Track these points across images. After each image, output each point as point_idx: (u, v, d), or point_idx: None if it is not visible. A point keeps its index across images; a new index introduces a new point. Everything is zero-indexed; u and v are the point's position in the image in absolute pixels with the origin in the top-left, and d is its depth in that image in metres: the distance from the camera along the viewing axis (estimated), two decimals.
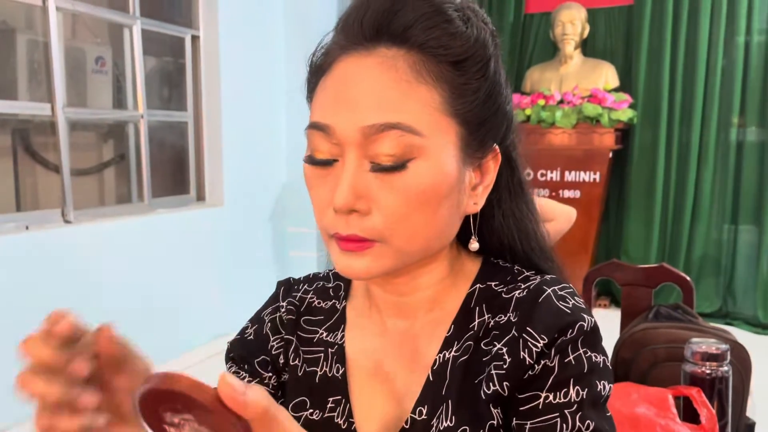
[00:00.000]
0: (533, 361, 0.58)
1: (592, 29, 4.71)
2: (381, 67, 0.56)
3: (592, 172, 4.38)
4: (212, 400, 0.36)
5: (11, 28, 3.24)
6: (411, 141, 0.55)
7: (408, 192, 0.56)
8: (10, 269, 2.71)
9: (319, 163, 0.58)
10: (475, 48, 0.58)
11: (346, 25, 0.59)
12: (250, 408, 0.37)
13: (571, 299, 0.61)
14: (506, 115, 0.63)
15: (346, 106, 0.56)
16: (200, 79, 4.03)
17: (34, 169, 3.40)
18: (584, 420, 0.56)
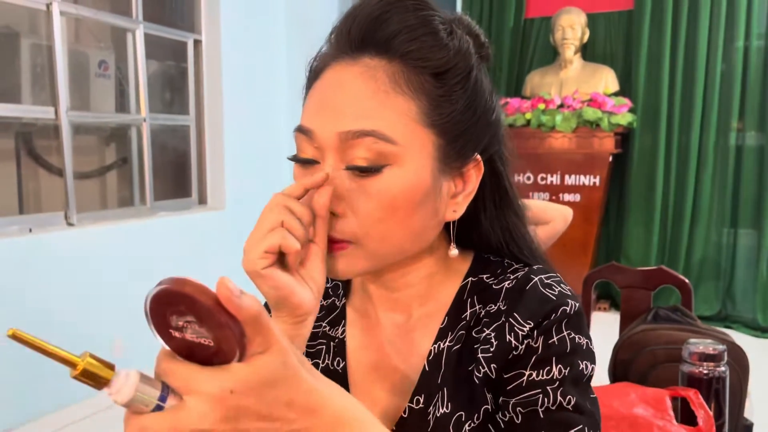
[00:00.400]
0: (518, 343, 0.61)
1: (592, 34, 4.74)
2: (362, 77, 0.58)
3: (592, 176, 4.39)
4: (212, 301, 0.38)
5: (15, 32, 3.26)
6: (385, 148, 0.57)
7: (381, 198, 0.58)
8: (14, 271, 2.73)
9: (302, 162, 0.61)
10: (456, 60, 0.60)
11: (337, 34, 0.62)
12: (243, 310, 0.39)
13: (557, 286, 0.63)
14: (489, 126, 0.64)
15: (327, 112, 0.59)
16: (202, 82, 4.06)
17: (37, 173, 3.43)
18: (565, 395, 0.58)
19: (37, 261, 2.85)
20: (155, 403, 0.39)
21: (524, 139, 4.50)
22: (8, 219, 2.94)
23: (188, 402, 0.39)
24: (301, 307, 0.56)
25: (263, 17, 4.35)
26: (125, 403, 0.39)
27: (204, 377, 0.40)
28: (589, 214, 4.43)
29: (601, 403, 1.27)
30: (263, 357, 0.41)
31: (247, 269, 0.56)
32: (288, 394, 0.43)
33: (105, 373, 0.38)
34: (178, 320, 0.39)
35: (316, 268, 0.58)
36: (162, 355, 0.41)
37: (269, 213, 0.56)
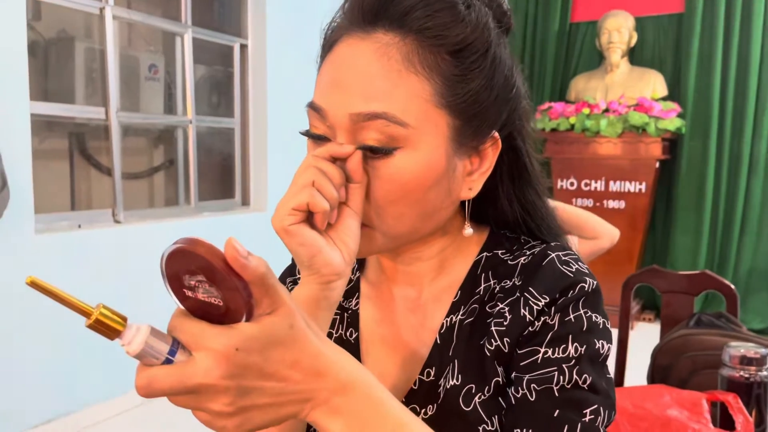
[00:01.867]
0: (533, 318, 0.59)
1: (640, 37, 4.64)
2: (375, 54, 0.56)
3: (638, 183, 4.29)
4: (220, 261, 0.39)
5: (70, 36, 3.39)
6: (396, 131, 0.56)
7: (393, 181, 0.57)
8: (63, 265, 2.83)
9: (315, 137, 0.61)
10: (474, 36, 0.57)
11: (349, 6, 0.61)
12: (249, 270, 0.40)
13: (574, 264, 0.62)
14: (508, 102, 0.62)
15: (338, 91, 0.57)
16: (248, 86, 4.13)
17: (88, 171, 3.55)
18: (581, 374, 0.57)
19: (85, 256, 2.94)
20: (165, 356, 0.41)
21: (568, 144, 4.43)
22: (59, 215, 3.05)
23: (196, 357, 0.41)
24: (329, 267, 0.56)
25: (308, 23, 4.40)
26: (136, 354, 0.41)
27: (211, 334, 0.41)
28: (635, 221, 4.33)
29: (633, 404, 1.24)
30: (270, 318, 0.42)
31: (275, 226, 0.56)
32: (293, 356, 0.43)
33: (117, 324, 0.41)
34: (191, 279, 0.41)
35: (348, 233, 0.57)
36: (175, 312, 0.43)
37: (301, 173, 0.56)
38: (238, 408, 0.42)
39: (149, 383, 0.41)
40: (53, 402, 2.81)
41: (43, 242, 2.76)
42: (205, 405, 0.42)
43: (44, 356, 2.75)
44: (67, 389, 2.86)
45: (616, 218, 4.38)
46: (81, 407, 2.92)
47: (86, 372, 2.94)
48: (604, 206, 4.38)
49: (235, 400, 0.42)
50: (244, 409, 0.43)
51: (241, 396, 0.42)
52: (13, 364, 2.63)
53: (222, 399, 0.41)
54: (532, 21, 4.98)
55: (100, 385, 3.00)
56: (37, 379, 2.73)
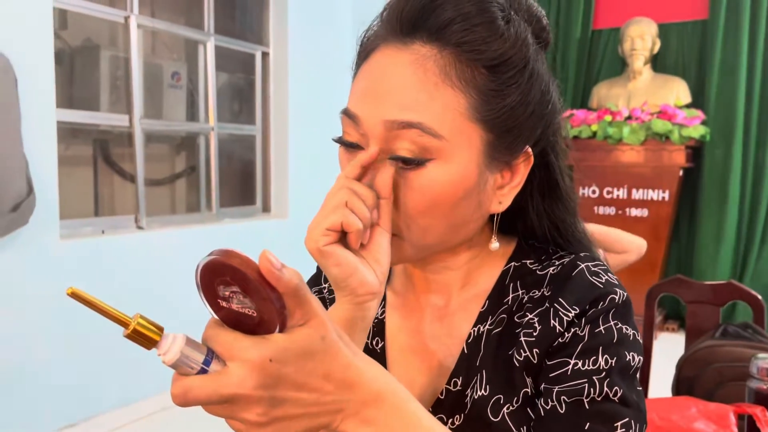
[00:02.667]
0: (563, 329, 0.59)
1: (663, 44, 4.60)
2: (412, 66, 0.56)
3: (661, 190, 4.25)
4: (255, 273, 0.40)
5: (96, 44, 3.44)
6: (430, 142, 0.56)
7: (424, 192, 0.57)
8: (87, 270, 2.87)
9: (347, 145, 0.61)
10: (512, 52, 0.57)
11: (387, 16, 0.60)
12: (283, 282, 0.40)
13: (604, 275, 0.61)
14: (543, 118, 0.61)
15: (374, 99, 0.57)
16: (269, 94, 4.17)
17: (112, 178, 3.59)
18: (612, 386, 0.56)
19: (108, 261, 2.98)
20: (200, 366, 0.42)
21: (590, 152, 4.40)
22: (83, 221, 3.09)
23: (230, 367, 0.41)
24: (364, 286, 0.56)
25: (330, 31, 4.44)
26: (172, 363, 0.42)
27: (245, 345, 0.41)
28: (658, 230, 4.28)
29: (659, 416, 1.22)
30: (303, 329, 0.43)
31: (309, 247, 0.56)
32: (325, 367, 0.44)
33: (154, 334, 0.41)
34: (225, 290, 0.42)
35: (381, 251, 0.58)
36: (210, 322, 0.44)
37: (334, 194, 0.56)
38: (271, 418, 0.43)
39: (185, 392, 0.41)
40: (73, 406, 2.84)
41: (68, 247, 2.80)
42: (239, 414, 0.42)
43: (65, 360, 2.78)
44: (86, 394, 2.89)
45: (638, 227, 4.34)
46: (99, 412, 2.95)
47: (105, 377, 2.97)
48: (627, 214, 4.34)
49: (268, 410, 0.42)
50: (276, 419, 0.43)
51: (274, 406, 0.42)
52: (35, 368, 2.66)
53: (255, 409, 0.42)
54: (553, 28, 4.83)
55: (118, 391, 3.03)
56: (58, 382, 2.76)
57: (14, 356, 2.58)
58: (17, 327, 2.57)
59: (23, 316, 2.60)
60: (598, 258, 0.65)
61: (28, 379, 2.63)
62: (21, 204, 2.47)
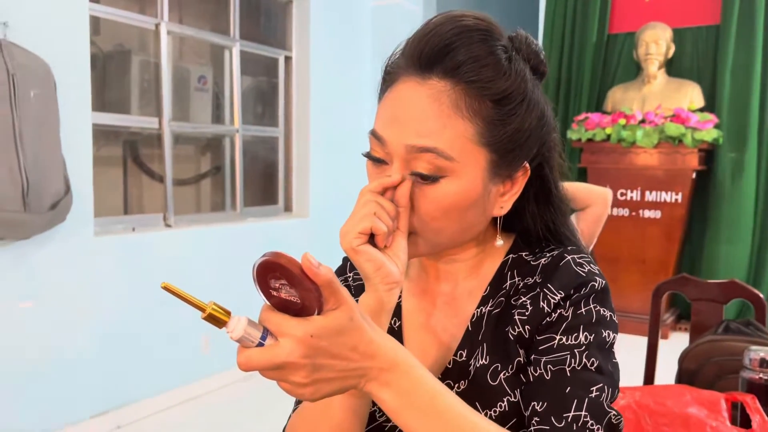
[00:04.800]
0: (550, 309, 0.71)
1: (678, 49, 4.66)
2: (429, 98, 0.68)
3: (674, 193, 4.31)
4: (298, 269, 0.52)
5: (127, 50, 3.59)
6: (443, 163, 0.68)
7: (438, 203, 0.69)
8: (118, 265, 3.01)
9: (374, 159, 0.74)
10: (513, 87, 0.68)
11: (409, 52, 0.71)
12: (320, 277, 0.52)
13: (587, 265, 0.74)
14: (539, 139, 0.73)
15: (397, 125, 0.69)
16: (291, 97, 4.29)
17: (140, 178, 3.74)
18: (589, 358, 0.69)
19: (139, 257, 3.12)
20: (258, 341, 0.54)
21: (604, 154, 4.47)
22: (115, 218, 3.24)
23: (281, 342, 0.54)
24: (390, 276, 0.68)
25: (351, 36, 4.56)
26: (237, 339, 0.54)
27: (292, 324, 0.54)
28: (670, 231, 4.35)
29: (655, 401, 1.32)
30: (335, 312, 0.55)
31: (344, 247, 0.69)
32: (353, 341, 0.56)
33: (224, 317, 0.53)
34: (276, 282, 0.53)
35: (400, 249, 0.70)
36: (263, 307, 0.56)
37: (363, 204, 0.69)
38: (312, 380, 0.55)
39: (247, 361, 0.54)
40: (104, 395, 2.98)
41: (101, 244, 2.95)
42: (288, 377, 0.55)
43: (98, 351, 2.92)
44: (117, 383, 3.03)
45: (651, 228, 4.41)
46: (130, 401, 3.09)
47: (136, 368, 3.10)
48: (640, 216, 4.41)
49: (310, 374, 0.55)
50: (316, 381, 0.55)
51: (314, 371, 0.55)
52: (70, 357, 2.80)
53: (301, 373, 0.54)
54: (569, 32, 5.03)
55: (148, 381, 3.16)
56: (91, 372, 2.90)
57: (51, 346, 2.72)
58: (54, 318, 2.72)
59: (60, 307, 2.75)
60: (584, 251, 0.77)
61: (63, 368, 2.77)
62: (59, 202, 2.61)
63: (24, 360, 2.63)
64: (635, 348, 2.53)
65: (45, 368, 2.70)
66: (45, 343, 2.69)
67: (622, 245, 4.44)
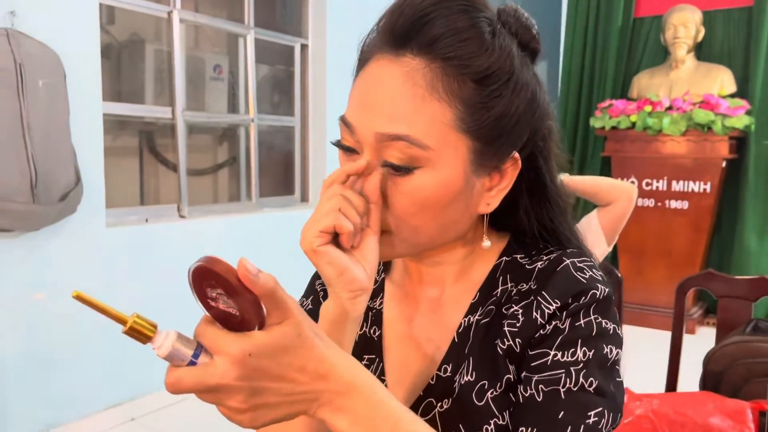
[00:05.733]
0: (544, 321, 0.62)
1: (708, 32, 4.49)
2: (401, 77, 0.60)
3: (703, 182, 4.16)
4: (235, 278, 0.46)
5: (141, 39, 3.56)
6: (417, 152, 0.59)
7: (412, 197, 0.61)
8: (131, 256, 2.99)
9: (344, 148, 0.66)
10: (497, 65, 0.60)
11: (383, 26, 0.64)
12: (258, 286, 0.46)
13: (588, 270, 0.65)
14: (529, 125, 0.64)
15: (367, 110, 0.62)
16: (308, 85, 4.23)
17: (157, 168, 3.72)
18: (587, 377, 0.59)
19: (151, 248, 3.09)
20: (189, 359, 0.48)
21: (629, 143, 4.34)
22: (128, 209, 3.21)
23: (215, 360, 0.47)
24: (354, 282, 0.61)
25: (368, 23, 4.46)
26: (165, 356, 0.47)
27: (228, 340, 0.47)
28: (699, 222, 4.20)
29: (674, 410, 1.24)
30: (279, 327, 0.48)
31: (303, 248, 0.61)
32: (300, 360, 0.49)
33: (148, 330, 0.47)
34: (212, 292, 0.47)
35: (369, 250, 0.62)
36: (202, 319, 0.49)
37: (327, 199, 0.61)
38: (251, 405, 0.48)
39: (176, 382, 0.47)
40: (119, 387, 2.97)
41: (113, 235, 2.92)
42: (224, 401, 0.48)
43: (111, 343, 2.91)
44: (132, 375, 3.01)
45: (678, 219, 4.27)
46: (145, 392, 3.08)
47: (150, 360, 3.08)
48: (666, 206, 4.27)
49: (247, 398, 0.48)
50: (256, 406, 0.49)
51: (253, 395, 0.48)
52: (83, 349, 2.79)
53: (237, 397, 0.48)
54: (594, 16, 4.88)
55: (159, 374, 3.13)
56: (105, 364, 2.89)
57: (64, 338, 2.71)
58: (66, 310, 2.71)
59: (70, 300, 2.73)
60: (586, 254, 0.68)
61: (76, 360, 2.76)
62: (69, 193, 2.58)
63: (36, 352, 2.62)
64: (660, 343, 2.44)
65: (58, 360, 2.69)
66: (57, 335, 2.68)
67: (648, 237, 4.30)
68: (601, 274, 0.65)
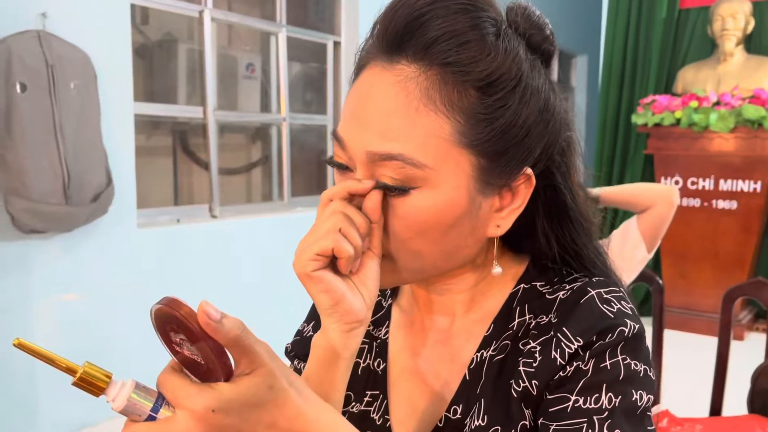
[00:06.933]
0: (565, 362, 0.55)
1: (758, 23, 4.28)
2: (394, 87, 0.53)
3: (752, 181, 3.97)
4: (197, 324, 0.41)
5: (174, 38, 3.56)
6: (412, 172, 0.53)
7: (409, 219, 0.55)
8: (162, 257, 2.99)
9: (337, 166, 0.59)
10: (501, 70, 0.53)
11: (378, 32, 0.57)
12: (222, 333, 0.41)
13: (616, 303, 0.57)
14: (542, 137, 0.57)
15: (357, 124, 0.55)
16: (340, 83, 4.19)
17: (190, 168, 3.72)
18: (613, 428, 0.52)
19: (183, 249, 3.09)
20: (148, 413, 0.42)
21: (673, 140, 4.17)
22: (160, 209, 3.22)
23: (177, 416, 0.42)
24: (351, 314, 0.55)
25: None
26: (121, 410, 0.42)
27: (189, 393, 0.42)
28: (748, 223, 4.02)
29: None
30: (248, 379, 0.43)
31: (297, 271, 0.55)
32: (271, 417, 0.43)
33: (101, 381, 0.42)
34: (176, 336, 0.43)
35: (370, 276, 0.56)
36: (167, 366, 0.44)
37: (327, 218, 0.54)
38: None
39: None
40: None
41: (145, 236, 2.93)
42: None
43: (141, 344, 2.91)
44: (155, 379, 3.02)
45: (726, 220, 4.09)
46: None
47: None
48: (713, 206, 4.09)
49: None
50: None
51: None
52: (112, 350, 2.80)
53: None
54: (637, 7, 4.70)
55: None
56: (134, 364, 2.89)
57: (95, 339, 2.73)
58: (96, 311, 2.72)
59: (102, 301, 2.75)
60: (614, 283, 0.60)
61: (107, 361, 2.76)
62: (101, 194, 2.59)
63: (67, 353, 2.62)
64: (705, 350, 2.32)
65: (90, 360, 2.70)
66: (88, 335, 2.70)
67: (693, 239, 4.13)
68: (632, 307, 0.57)
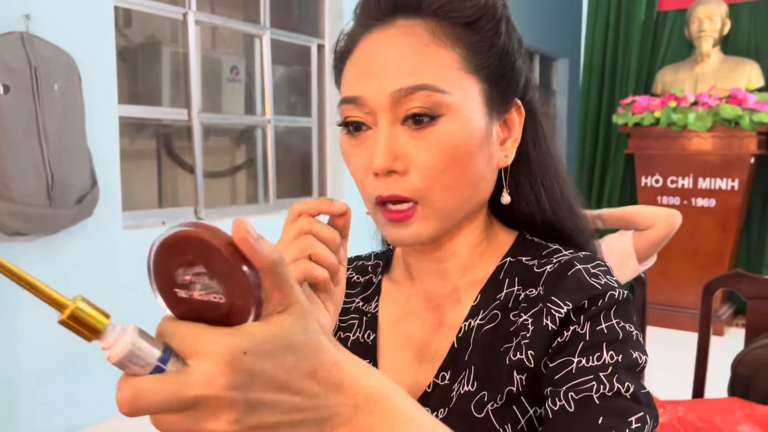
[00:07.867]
0: (556, 327, 0.57)
1: (734, 25, 4.37)
2: (401, 36, 0.60)
3: (730, 179, 4.05)
4: (226, 244, 0.33)
5: (158, 41, 3.56)
6: (438, 98, 0.58)
7: (441, 148, 0.58)
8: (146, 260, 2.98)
9: (352, 124, 0.62)
10: (485, 9, 0.61)
11: (364, 6, 0.64)
12: (260, 255, 0.33)
13: (603, 277, 0.60)
14: (522, 72, 0.65)
15: (374, 76, 0.59)
16: (325, 86, 4.20)
17: (175, 170, 3.72)
18: (622, 382, 0.53)
19: None
20: (154, 363, 0.33)
21: (653, 139, 4.23)
22: (145, 212, 3.21)
23: (193, 365, 0.33)
24: None
25: None
26: (119, 360, 0.33)
27: (214, 336, 0.33)
28: (726, 221, 4.09)
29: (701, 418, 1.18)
30: (283, 317, 0.36)
31: None
32: (310, 364, 0.36)
33: (97, 321, 0.33)
34: (185, 274, 0.34)
35: (337, 289, 0.56)
36: (165, 318, 0.36)
37: (292, 240, 0.52)
38: (244, 427, 0.34)
39: (135, 397, 0.33)
40: None
41: (130, 238, 2.92)
42: (204, 425, 0.34)
43: None
44: None
45: (704, 217, 4.16)
46: None
47: None
48: (692, 204, 4.16)
49: (241, 417, 0.34)
50: (251, 428, 0.35)
51: (249, 412, 0.34)
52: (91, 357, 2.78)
53: (225, 416, 0.34)
54: (616, 10, 4.77)
55: None
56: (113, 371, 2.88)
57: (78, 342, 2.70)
58: None
59: None
60: (599, 259, 0.63)
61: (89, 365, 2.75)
62: (85, 196, 2.59)
63: (50, 357, 2.62)
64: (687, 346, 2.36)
65: (77, 363, 2.69)
66: (73, 338, 2.68)
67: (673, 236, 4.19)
68: (616, 279, 0.60)
